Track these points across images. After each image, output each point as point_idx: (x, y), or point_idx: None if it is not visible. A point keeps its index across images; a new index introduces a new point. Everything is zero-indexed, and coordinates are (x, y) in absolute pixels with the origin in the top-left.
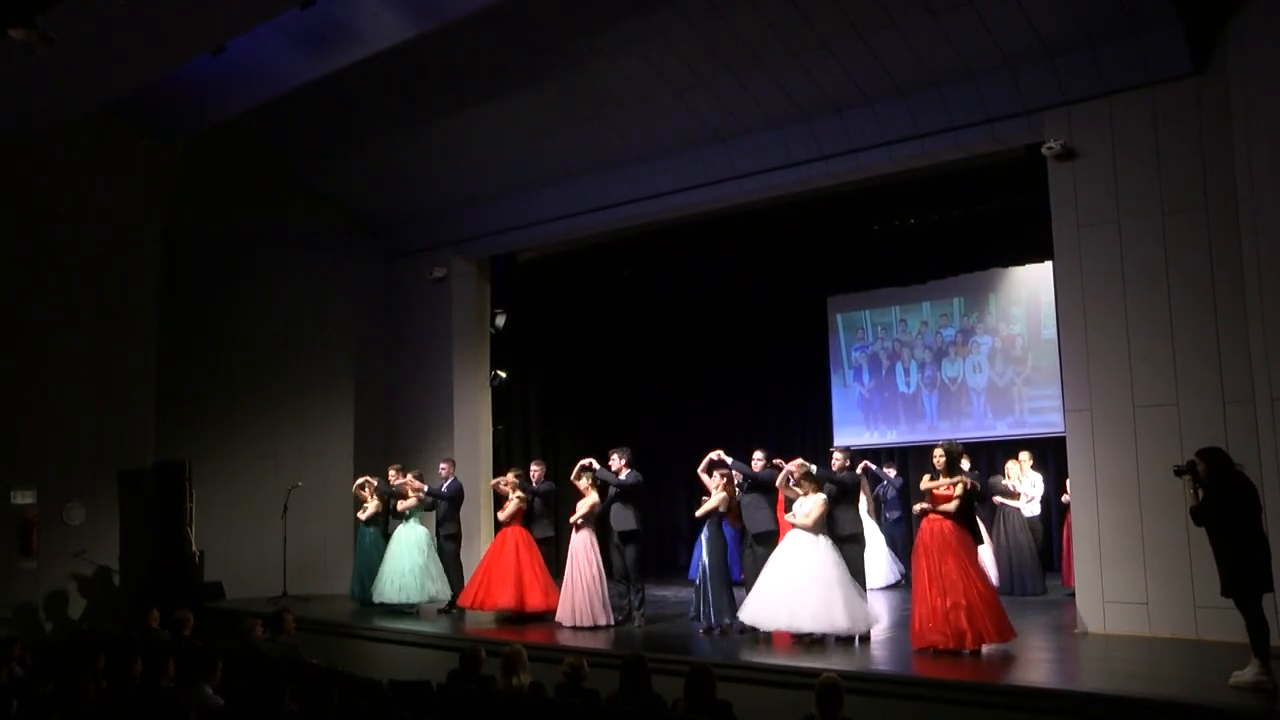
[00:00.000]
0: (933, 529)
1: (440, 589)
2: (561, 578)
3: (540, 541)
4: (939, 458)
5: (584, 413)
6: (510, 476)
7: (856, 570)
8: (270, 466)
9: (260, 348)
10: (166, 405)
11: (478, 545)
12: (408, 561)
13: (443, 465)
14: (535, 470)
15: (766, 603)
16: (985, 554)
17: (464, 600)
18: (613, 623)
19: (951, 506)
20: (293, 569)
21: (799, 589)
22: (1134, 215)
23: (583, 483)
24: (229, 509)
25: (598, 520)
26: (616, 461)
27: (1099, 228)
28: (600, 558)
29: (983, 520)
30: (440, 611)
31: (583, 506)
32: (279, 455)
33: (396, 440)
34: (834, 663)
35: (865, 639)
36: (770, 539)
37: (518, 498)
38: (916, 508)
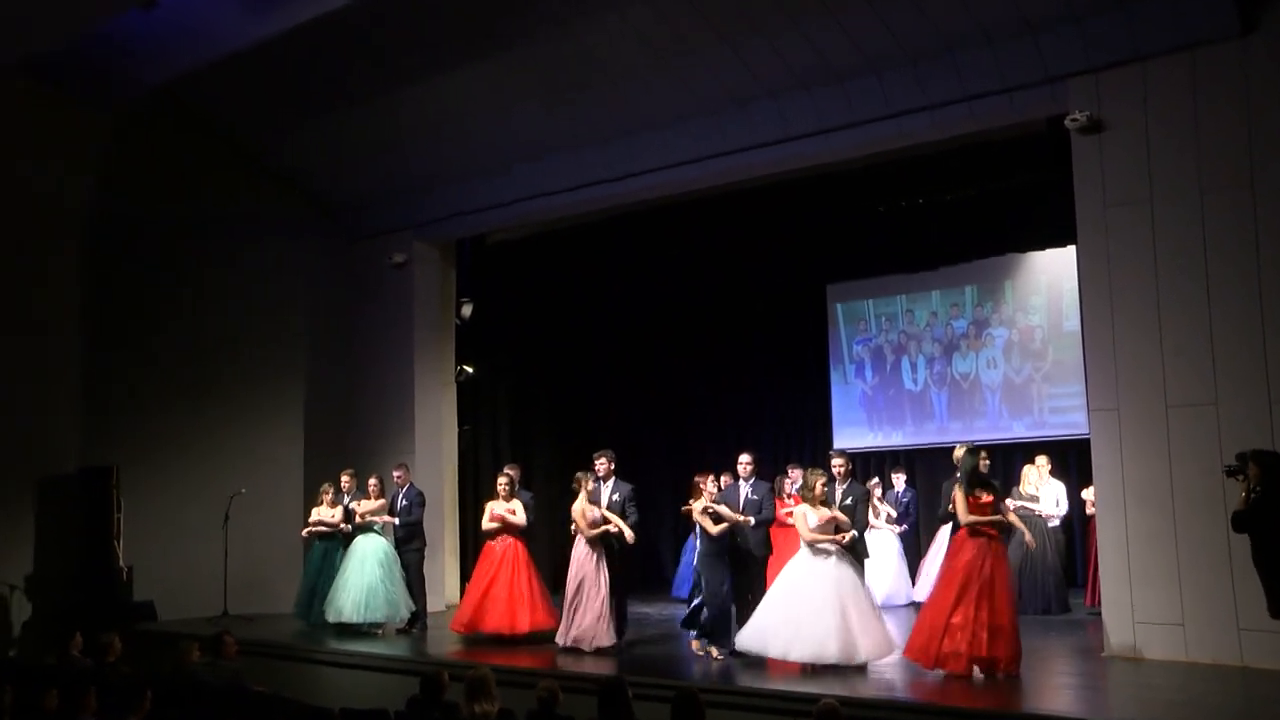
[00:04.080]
0: (975, 543)
1: (404, 607)
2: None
3: None
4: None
5: (559, 412)
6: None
7: None
8: (210, 472)
9: (200, 340)
10: (92, 405)
11: (441, 556)
12: (370, 576)
13: (397, 472)
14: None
15: (771, 628)
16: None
17: (457, 624)
18: (615, 641)
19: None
20: (235, 585)
21: (811, 614)
22: (1168, 194)
23: (589, 488)
24: (163, 519)
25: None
26: (605, 466)
27: (1129, 208)
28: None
29: None
30: (399, 631)
31: (591, 514)
32: (220, 459)
33: (352, 442)
34: (833, 688)
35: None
36: (763, 561)
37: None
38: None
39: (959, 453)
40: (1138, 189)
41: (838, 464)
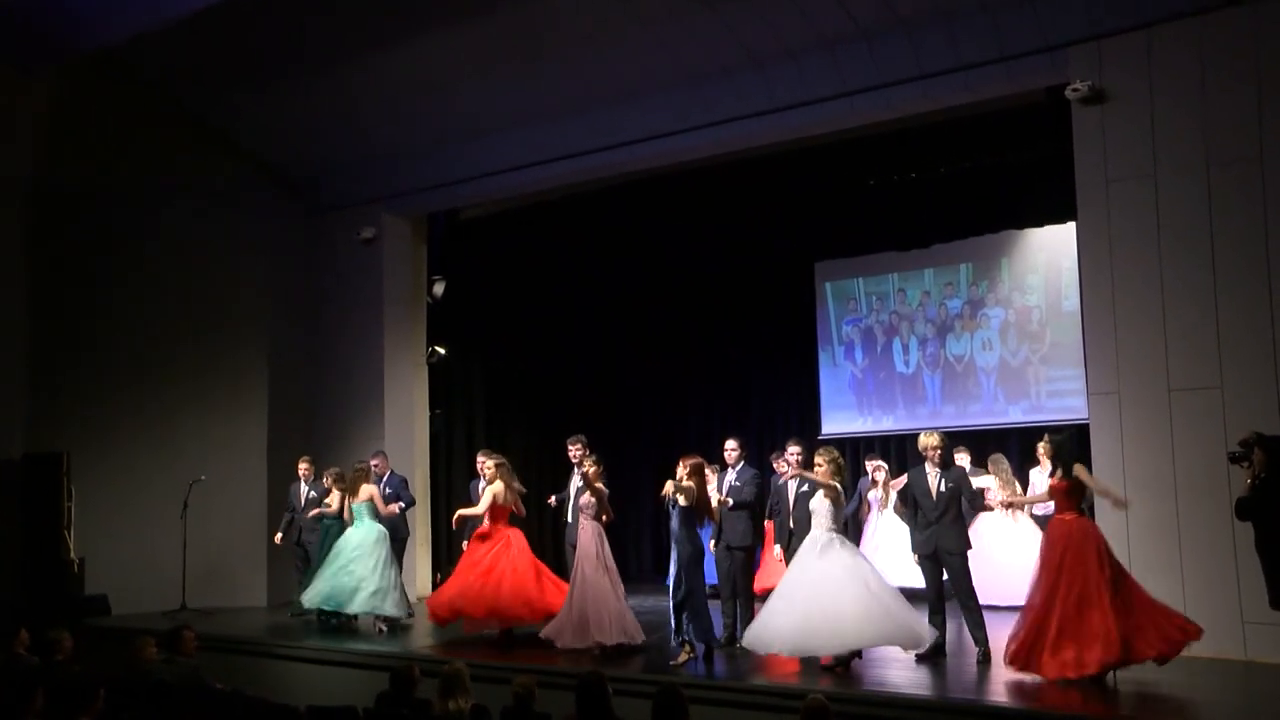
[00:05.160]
0: (1074, 528)
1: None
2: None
3: None
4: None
5: (535, 395)
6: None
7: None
8: (167, 458)
9: (157, 320)
10: (40, 388)
11: (413, 545)
12: (394, 571)
13: (375, 460)
14: (482, 462)
15: (782, 623)
16: (985, 565)
17: (458, 613)
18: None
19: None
20: (194, 578)
21: (826, 604)
22: (1173, 168)
23: (590, 468)
24: (116, 508)
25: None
26: (578, 451)
27: (1131, 182)
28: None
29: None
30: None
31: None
32: (178, 444)
33: (318, 426)
34: (823, 683)
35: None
36: (750, 551)
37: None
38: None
39: (929, 439)
40: (1141, 162)
41: (794, 453)
